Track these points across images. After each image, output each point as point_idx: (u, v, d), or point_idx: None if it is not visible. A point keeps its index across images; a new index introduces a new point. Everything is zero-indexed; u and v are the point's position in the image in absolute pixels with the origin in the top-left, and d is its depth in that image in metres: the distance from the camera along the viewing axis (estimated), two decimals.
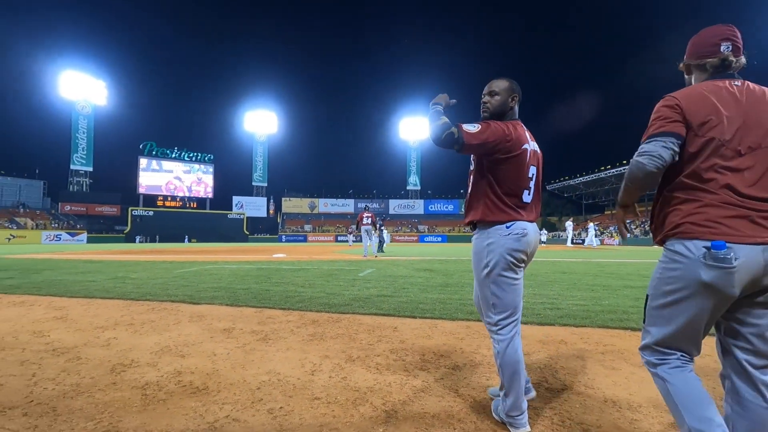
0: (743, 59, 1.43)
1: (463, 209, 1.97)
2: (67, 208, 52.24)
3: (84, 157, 53.88)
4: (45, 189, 57.35)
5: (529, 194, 1.89)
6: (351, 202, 69.17)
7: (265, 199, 66.38)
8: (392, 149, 74.84)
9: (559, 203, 64.64)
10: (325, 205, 68.99)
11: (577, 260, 12.41)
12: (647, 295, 1.46)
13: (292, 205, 68.10)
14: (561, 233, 45.57)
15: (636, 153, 1.39)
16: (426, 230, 63.97)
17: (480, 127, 1.78)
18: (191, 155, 59.64)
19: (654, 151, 1.34)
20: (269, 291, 5.66)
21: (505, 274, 1.82)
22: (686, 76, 1.57)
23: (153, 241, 48.22)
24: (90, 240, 44.56)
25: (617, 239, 37.71)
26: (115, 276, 7.66)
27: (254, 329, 3.56)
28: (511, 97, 1.93)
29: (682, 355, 1.39)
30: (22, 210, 50.08)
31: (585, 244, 29.93)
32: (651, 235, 1.51)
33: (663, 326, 1.38)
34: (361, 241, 15.47)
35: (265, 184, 66.95)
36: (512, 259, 1.81)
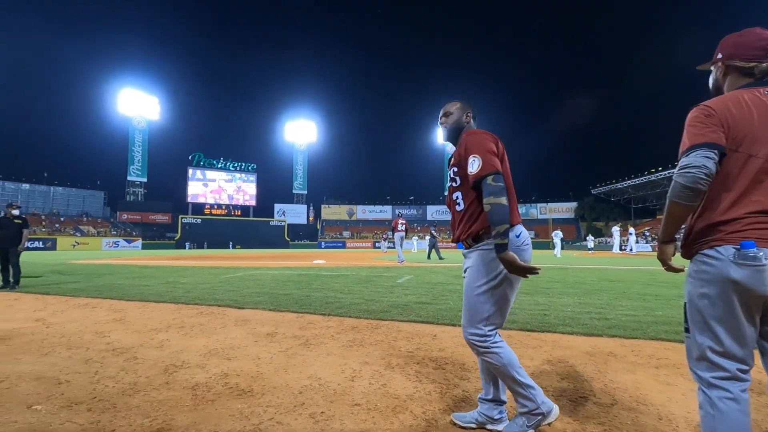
0: None
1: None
2: (124, 216, 56.05)
3: (139, 168, 57.74)
4: (105, 199, 61.77)
5: (513, 190, 1.86)
6: (388, 208, 69.45)
7: (305, 206, 68.10)
8: (430, 155, 74.56)
9: (605, 207, 61.37)
10: (363, 212, 69.69)
11: (626, 267, 11.78)
12: (684, 303, 1.42)
13: (331, 212, 69.34)
14: (608, 239, 43.43)
15: (677, 169, 1.32)
16: None
17: (477, 155, 1.74)
18: (236, 165, 62.21)
19: (698, 163, 1.26)
20: (310, 297, 5.79)
21: (516, 285, 1.81)
22: (719, 77, 1.47)
23: (201, 247, 50.57)
24: (144, 246, 47.35)
25: None
26: (167, 281, 8.12)
27: (296, 334, 3.65)
28: (465, 114, 2.01)
29: (739, 371, 1.29)
30: (85, 219, 54.18)
31: (633, 251, 28.46)
32: (681, 249, 1.47)
33: (708, 331, 1.32)
34: (394, 247, 15.58)
35: (305, 192, 68.69)
36: None
